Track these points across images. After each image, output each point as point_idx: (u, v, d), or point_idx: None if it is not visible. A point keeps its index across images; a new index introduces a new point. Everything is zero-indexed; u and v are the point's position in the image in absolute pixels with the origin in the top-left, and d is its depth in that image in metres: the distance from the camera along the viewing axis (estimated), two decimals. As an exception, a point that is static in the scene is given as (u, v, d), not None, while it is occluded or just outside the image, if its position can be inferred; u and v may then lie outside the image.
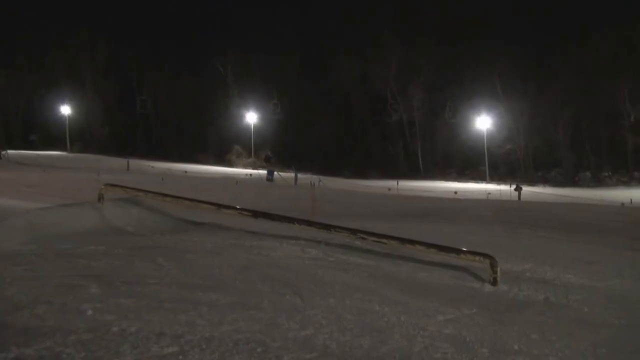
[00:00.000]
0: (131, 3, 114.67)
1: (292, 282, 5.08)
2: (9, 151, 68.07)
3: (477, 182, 69.06)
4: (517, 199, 39.92)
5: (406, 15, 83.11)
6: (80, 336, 3.26)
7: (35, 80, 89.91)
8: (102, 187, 8.31)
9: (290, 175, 56.40)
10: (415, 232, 8.30)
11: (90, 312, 3.68)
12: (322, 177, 53.43)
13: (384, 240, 6.78)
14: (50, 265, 4.99)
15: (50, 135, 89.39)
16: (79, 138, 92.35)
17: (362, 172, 73.60)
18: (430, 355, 3.47)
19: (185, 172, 59.28)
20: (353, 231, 7.04)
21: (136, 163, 62.93)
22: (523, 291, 5.61)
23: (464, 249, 6.36)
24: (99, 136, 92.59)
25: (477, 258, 6.05)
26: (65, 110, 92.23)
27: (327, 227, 7.30)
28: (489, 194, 46.07)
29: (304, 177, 54.81)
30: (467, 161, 76.54)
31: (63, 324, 3.44)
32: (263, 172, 60.20)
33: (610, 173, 70.46)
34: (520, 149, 75.09)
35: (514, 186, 48.17)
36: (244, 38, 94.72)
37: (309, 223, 7.60)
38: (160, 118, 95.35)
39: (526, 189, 49.27)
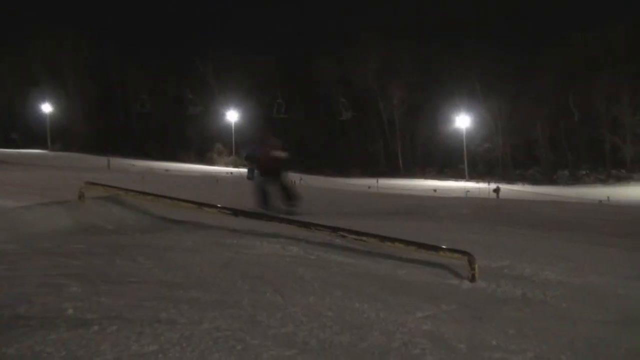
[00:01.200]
0: (113, 2, 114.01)
1: (273, 280, 5.10)
2: None
3: (457, 180, 69.62)
4: (495, 197, 40.21)
5: (386, 14, 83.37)
6: (61, 335, 3.26)
7: (16, 78, 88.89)
8: (83, 185, 8.27)
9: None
10: (395, 229, 8.34)
11: (71, 311, 3.68)
12: (303, 176, 53.48)
13: (364, 238, 6.81)
14: (30, 264, 4.97)
15: (32, 133, 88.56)
16: (61, 136, 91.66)
17: (343, 171, 73.89)
18: (409, 351, 3.50)
19: (167, 170, 59.07)
20: (333, 229, 7.07)
21: (117, 161, 62.60)
22: (501, 287, 5.66)
23: (443, 247, 6.41)
24: (81, 135, 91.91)
25: (455, 255, 6.10)
26: (47, 108, 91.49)
27: (307, 225, 7.32)
28: (468, 191, 46.42)
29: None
30: (447, 159, 77.10)
31: (44, 323, 3.44)
32: (244, 170, 60.22)
33: (588, 171, 71.28)
34: (498, 148, 75.74)
35: (493, 185, 48.53)
36: (226, 37, 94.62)
37: (289, 221, 7.63)
38: (142, 116, 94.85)
39: (505, 187, 49.67)
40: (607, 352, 3.90)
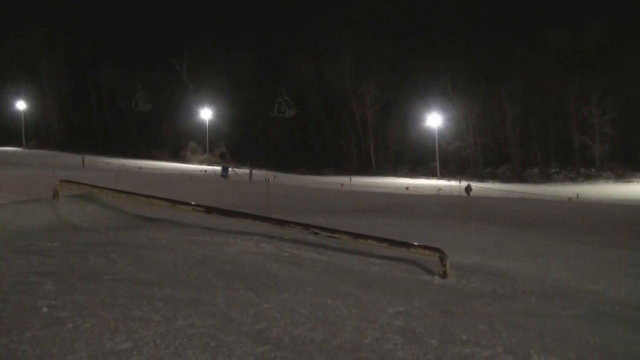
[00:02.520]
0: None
1: (246, 277, 5.13)
2: None
3: (428, 178, 69.94)
4: (466, 195, 40.57)
5: (360, 14, 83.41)
6: (36, 333, 3.27)
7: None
8: (57, 183, 8.21)
9: (245, 171, 56.30)
10: (367, 226, 8.41)
11: (45, 309, 3.69)
12: (277, 174, 53.47)
13: (337, 235, 6.85)
14: (5, 263, 4.95)
15: (6, 131, 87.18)
16: (35, 134, 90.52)
17: (316, 169, 73.84)
18: (381, 346, 3.55)
19: (140, 168, 58.70)
20: (306, 226, 7.10)
21: (91, 159, 62.06)
22: (472, 283, 5.73)
23: (415, 243, 6.47)
24: (55, 132, 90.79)
25: (427, 252, 6.17)
26: (21, 105, 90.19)
27: (280, 222, 7.35)
28: (440, 189, 46.71)
29: (259, 174, 54.73)
30: (419, 158, 77.36)
31: (19, 321, 3.45)
32: (218, 168, 59.98)
33: (557, 169, 72.00)
34: (469, 146, 76.15)
35: (464, 183, 48.88)
36: (200, 34, 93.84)
37: (263, 219, 7.64)
38: (116, 114, 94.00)
39: (476, 185, 50.05)
40: (576, 346, 3.96)
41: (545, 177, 70.34)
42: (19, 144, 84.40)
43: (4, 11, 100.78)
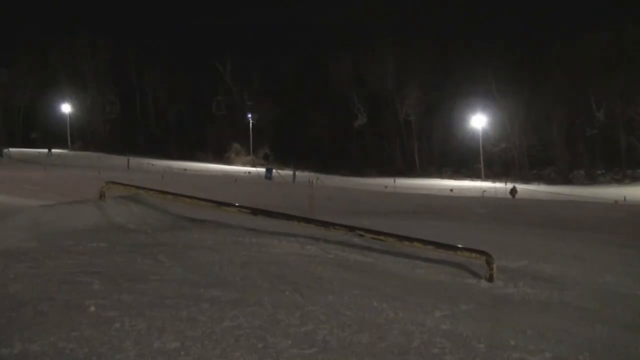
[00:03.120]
0: (131, 3, 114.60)
1: (291, 278, 5.13)
2: (11, 149, 68.18)
3: (473, 180, 69.28)
4: (511, 197, 40.08)
5: (402, 15, 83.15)
6: (83, 332, 3.32)
7: (37, 79, 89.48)
8: (104, 184, 8.32)
9: (288, 173, 56.53)
10: (412, 229, 8.34)
11: (92, 308, 3.74)
12: (320, 175, 53.54)
13: (382, 237, 6.81)
14: (53, 262, 5.04)
15: (52, 134, 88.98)
16: (80, 137, 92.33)
17: (359, 170, 73.76)
18: (428, 350, 3.52)
19: (185, 170, 59.41)
20: (351, 228, 7.07)
21: (136, 161, 63.02)
22: (519, 288, 5.65)
23: (461, 246, 6.40)
24: (100, 135, 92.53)
25: (473, 255, 6.09)
26: (66, 108, 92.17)
27: (325, 224, 7.33)
28: (484, 191, 46.20)
29: (302, 175, 54.88)
30: (463, 159, 76.73)
31: (66, 320, 3.49)
32: (262, 170, 60.34)
33: (603, 171, 70.68)
34: (515, 147, 75.23)
35: (509, 185, 48.30)
36: (243, 36, 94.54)
37: (307, 220, 7.63)
38: (161, 117, 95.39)
39: (521, 187, 49.41)
40: (625, 352, 3.89)
41: (591, 179, 69.13)
42: (64, 146, 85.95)
43: (48, 16, 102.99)
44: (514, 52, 74.84)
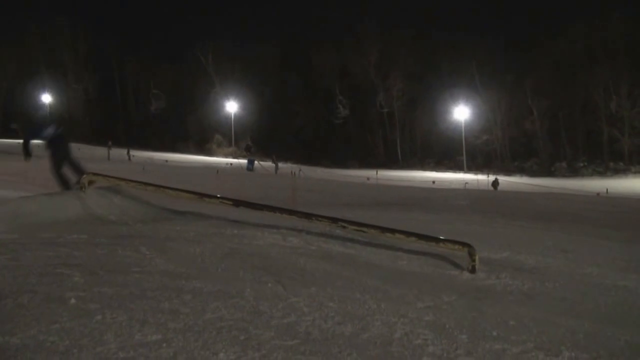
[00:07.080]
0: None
1: (274, 270, 5.12)
2: None
3: (455, 172, 69.48)
4: (493, 189, 40.24)
5: (386, 6, 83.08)
6: (64, 324, 3.28)
7: (15, 68, 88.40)
8: (85, 176, 8.26)
9: (270, 164, 56.43)
10: (394, 220, 8.36)
11: (73, 300, 3.70)
12: (302, 167, 53.49)
13: (365, 229, 6.81)
14: (33, 255, 4.99)
15: (32, 124, 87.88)
16: (60, 126, 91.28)
17: (341, 162, 73.73)
18: (411, 341, 3.51)
19: (166, 161, 59.08)
20: (334, 220, 7.07)
21: (117, 152, 62.51)
22: (501, 279, 5.67)
23: (443, 238, 6.42)
24: (80, 125, 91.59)
25: (456, 246, 6.11)
26: (46, 98, 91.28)
27: (307, 215, 7.32)
28: (467, 183, 46.32)
29: (284, 167, 54.82)
30: (445, 151, 76.84)
31: (47, 312, 3.46)
32: (243, 161, 60.18)
33: (586, 163, 71.11)
34: (497, 140, 75.49)
35: (491, 177, 48.51)
36: (226, 27, 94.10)
37: (290, 212, 7.62)
38: (141, 107, 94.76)
39: (503, 179, 49.65)
40: (607, 343, 3.91)
41: (574, 171, 69.51)
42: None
43: (27, 4, 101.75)
44: (498, 44, 75.02)
